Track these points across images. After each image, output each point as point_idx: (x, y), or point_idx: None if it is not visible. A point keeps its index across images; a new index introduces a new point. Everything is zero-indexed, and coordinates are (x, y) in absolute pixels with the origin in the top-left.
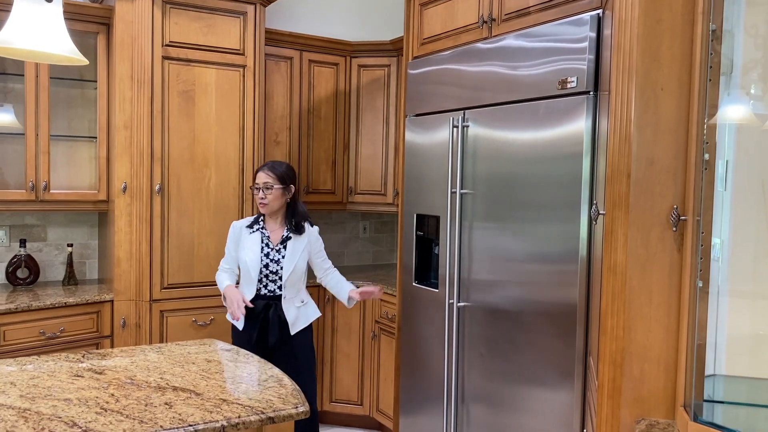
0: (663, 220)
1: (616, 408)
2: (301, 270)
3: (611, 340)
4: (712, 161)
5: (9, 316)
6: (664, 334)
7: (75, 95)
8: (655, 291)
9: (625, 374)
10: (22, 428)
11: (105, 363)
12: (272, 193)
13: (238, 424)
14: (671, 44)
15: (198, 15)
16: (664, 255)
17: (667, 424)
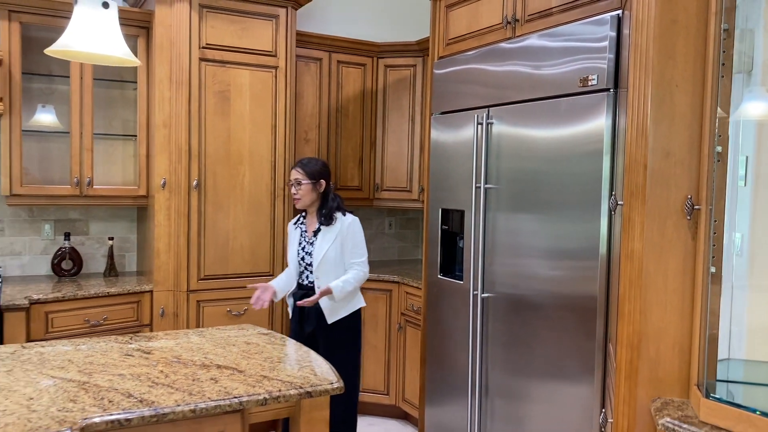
0: (678, 210)
1: (633, 388)
2: (332, 259)
3: (628, 323)
4: (725, 153)
5: (57, 304)
6: (679, 317)
7: (115, 96)
8: (670, 277)
9: (642, 356)
10: (84, 398)
11: (152, 344)
12: (302, 188)
13: (278, 397)
14: (686, 43)
15: (233, 18)
16: (679, 242)
17: (682, 402)
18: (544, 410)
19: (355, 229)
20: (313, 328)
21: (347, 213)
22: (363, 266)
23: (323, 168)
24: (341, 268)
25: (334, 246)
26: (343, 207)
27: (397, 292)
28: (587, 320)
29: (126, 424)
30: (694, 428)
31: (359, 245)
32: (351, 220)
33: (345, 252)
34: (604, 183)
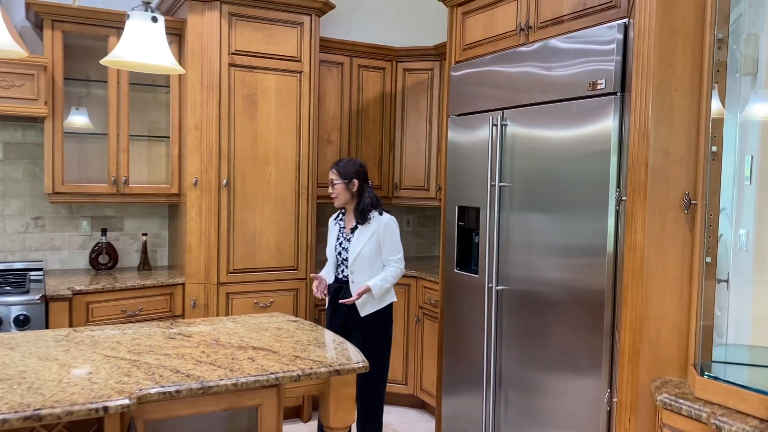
0: (676, 204)
1: (635, 369)
2: (366, 256)
3: (631, 309)
4: (719, 153)
5: (96, 295)
6: (678, 304)
7: (148, 99)
8: (669, 266)
9: (644, 339)
10: (137, 373)
11: (191, 329)
12: (336, 188)
13: (310, 374)
14: (684, 51)
15: (260, 26)
16: (678, 235)
17: (680, 381)
18: (555, 396)
19: (392, 228)
20: (345, 319)
21: (384, 212)
22: (399, 263)
23: (358, 169)
24: (375, 265)
25: (369, 244)
26: (380, 206)
27: (415, 286)
28: (596, 311)
29: (176, 395)
30: (689, 403)
31: (395, 243)
32: (387, 220)
33: (382, 250)
34: (612, 181)
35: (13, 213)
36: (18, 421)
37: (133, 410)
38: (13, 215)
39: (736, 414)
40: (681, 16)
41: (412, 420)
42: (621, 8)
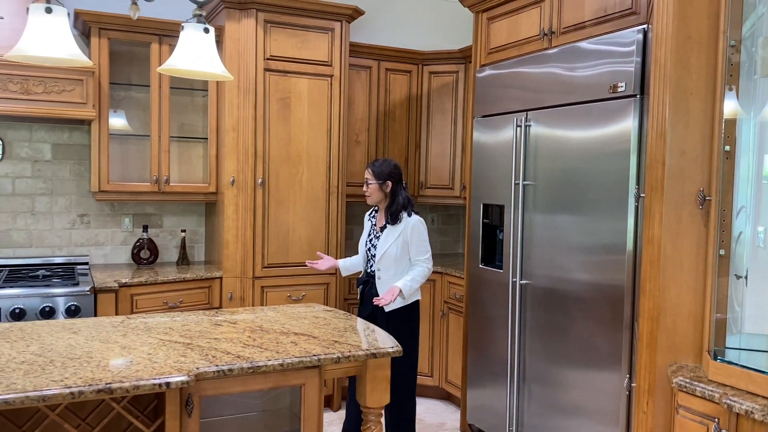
0: (692, 200)
1: (653, 354)
2: (392, 255)
3: (649, 299)
4: (732, 152)
5: (140, 288)
6: (693, 293)
7: (186, 102)
8: (685, 258)
9: (661, 327)
10: (191, 354)
11: (235, 317)
12: (370, 187)
13: (349, 357)
14: (699, 56)
15: (294, 32)
16: (693, 229)
17: (695, 366)
18: (576, 386)
19: (419, 229)
20: (370, 312)
21: (413, 214)
22: (427, 263)
23: (392, 170)
24: (402, 263)
25: (396, 243)
26: (410, 208)
27: (441, 282)
28: (616, 305)
29: (229, 373)
30: (703, 385)
31: (423, 244)
32: (415, 222)
33: (411, 250)
34: (631, 180)
35: (60, 210)
36: (92, 393)
37: (191, 387)
38: (61, 212)
39: (746, 394)
40: (696, 23)
41: (437, 411)
42: (641, 14)
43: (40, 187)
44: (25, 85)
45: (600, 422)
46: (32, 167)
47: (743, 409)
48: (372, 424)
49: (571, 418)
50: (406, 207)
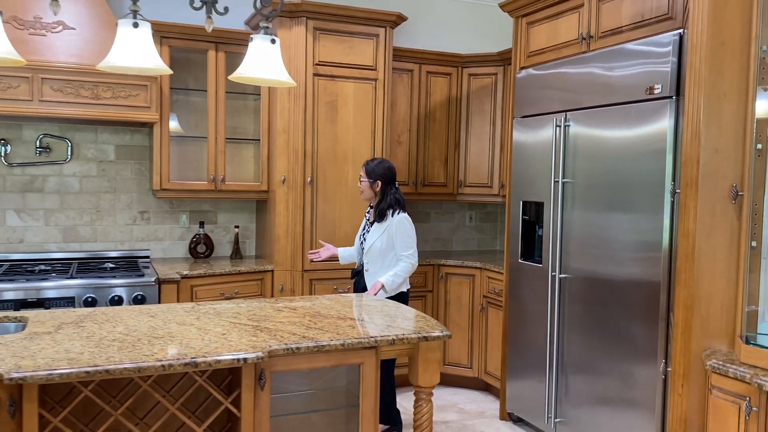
0: (725, 196)
1: (687, 341)
2: (378, 249)
3: (684, 288)
4: (764, 150)
5: (199, 279)
6: (726, 283)
7: (239, 106)
8: (718, 250)
9: (695, 314)
10: (261, 335)
11: (294, 304)
12: (362, 184)
13: (403, 339)
14: (732, 61)
15: (341, 38)
16: (726, 222)
17: (728, 351)
18: (613, 374)
19: (404, 226)
20: None
21: (400, 212)
22: (410, 258)
23: (383, 171)
24: (387, 257)
25: (381, 239)
26: (397, 207)
27: (480, 277)
28: (652, 297)
29: (297, 351)
30: (735, 366)
31: (407, 240)
32: (399, 219)
33: (395, 245)
34: (668, 178)
35: (122, 207)
36: (180, 366)
37: (264, 362)
38: (123, 209)
39: None
40: (729, 30)
41: (477, 400)
42: (676, 20)
43: (104, 186)
44: (95, 91)
45: (636, 408)
46: (97, 167)
47: None
48: (423, 402)
49: (608, 405)
50: (394, 206)
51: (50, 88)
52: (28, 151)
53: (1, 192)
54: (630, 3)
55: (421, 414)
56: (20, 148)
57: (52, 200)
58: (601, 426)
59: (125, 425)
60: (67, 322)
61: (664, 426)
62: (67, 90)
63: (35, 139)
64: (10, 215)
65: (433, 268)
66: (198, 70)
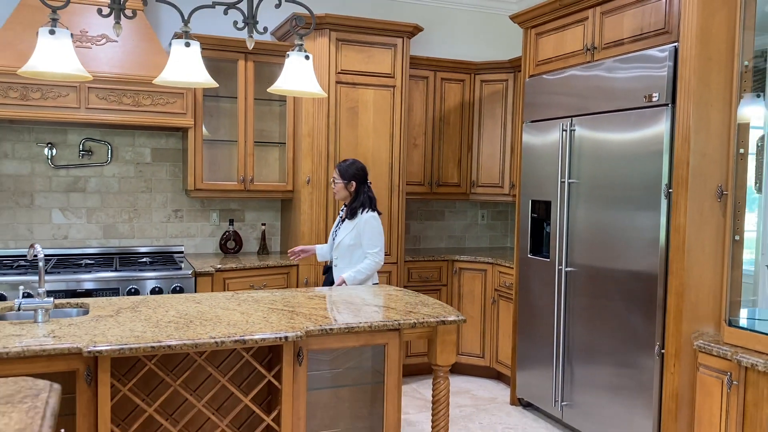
0: (712, 195)
1: (678, 325)
2: (346, 245)
3: (675, 278)
4: (746, 153)
5: (231, 273)
6: (713, 273)
7: (265, 111)
8: (706, 243)
9: (685, 301)
10: (298, 318)
11: (323, 293)
12: (336, 185)
13: (423, 323)
14: (718, 74)
15: (361, 48)
16: (713, 218)
17: (715, 333)
18: (615, 356)
19: (371, 224)
20: None
21: (369, 211)
22: (375, 257)
23: (356, 172)
24: (355, 254)
25: (350, 235)
26: (368, 206)
27: (491, 271)
28: (650, 287)
29: (330, 332)
30: (718, 346)
31: (373, 238)
32: (367, 217)
33: (363, 243)
34: (664, 177)
35: (158, 206)
36: (231, 343)
37: (302, 341)
38: (158, 208)
39: (753, 352)
40: (715, 47)
41: (488, 387)
42: (672, 33)
43: (141, 186)
44: (136, 99)
45: (635, 388)
46: (135, 169)
47: (750, 363)
48: (441, 379)
49: (610, 387)
50: (365, 205)
51: (96, 96)
52: (72, 154)
53: (48, 192)
54: (630, 17)
55: (439, 389)
56: (65, 151)
57: (94, 199)
58: (604, 406)
59: (182, 396)
60: (123, 307)
61: (660, 402)
62: (111, 98)
63: (78, 142)
64: (56, 213)
65: (447, 264)
66: (227, 78)
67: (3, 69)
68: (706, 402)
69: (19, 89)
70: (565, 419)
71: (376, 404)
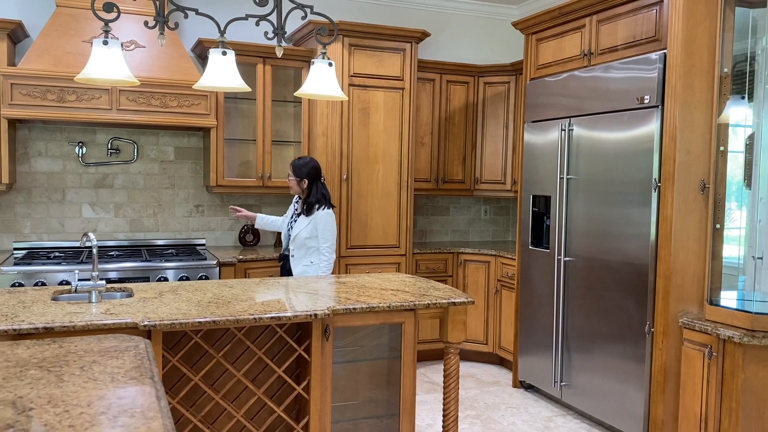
0: (695, 187)
1: (666, 305)
2: (302, 239)
3: (663, 263)
4: (726, 151)
5: (252, 263)
6: (696, 258)
7: (280, 112)
8: (690, 231)
9: (672, 284)
10: (323, 299)
11: (342, 280)
12: (290, 181)
13: (436, 304)
14: (700, 79)
15: (372, 53)
16: (696, 209)
17: (698, 312)
18: (610, 338)
19: (325, 220)
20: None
21: (326, 207)
22: (327, 252)
23: (309, 170)
24: (310, 247)
25: (306, 229)
26: (323, 203)
27: (494, 263)
28: (642, 273)
29: (353, 311)
30: (700, 322)
31: (326, 233)
32: (322, 214)
33: (319, 237)
34: (654, 173)
35: (180, 201)
36: (267, 319)
37: (329, 318)
38: (181, 203)
39: (731, 327)
40: (698, 55)
41: (492, 372)
42: (662, 41)
43: (164, 183)
44: (164, 101)
45: (629, 364)
46: (159, 166)
47: (727, 335)
48: (452, 355)
49: (606, 366)
50: (321, 201)
51: (126, 99)
52: (100, 152)
53: (78, 188)
54: (624, 26)
55: (450, 365)
56: (94, 149)
57: (121, 195)
58: (600, 384)
59: (220, 369)
60: (164, 290)
61: (651, 376)
62: (140, 100)
63: (107, 141)
64: (86, 208)
65: (452, 256)
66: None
67: (41, 73)
68: (689, 372)
69: (56, 92)
70: (564, 398)
71: (392, 378)
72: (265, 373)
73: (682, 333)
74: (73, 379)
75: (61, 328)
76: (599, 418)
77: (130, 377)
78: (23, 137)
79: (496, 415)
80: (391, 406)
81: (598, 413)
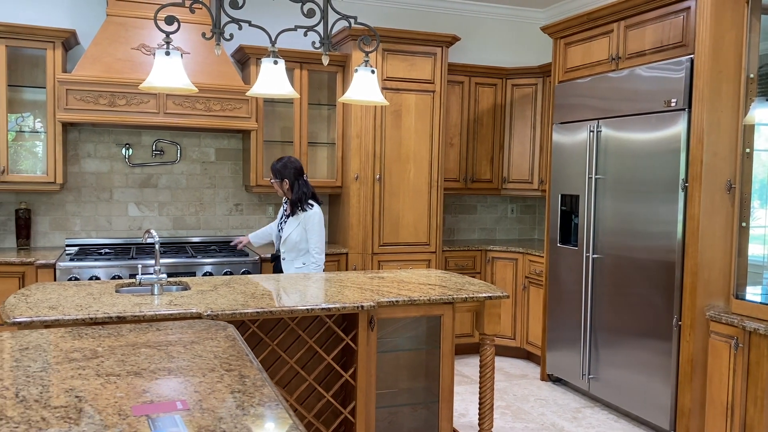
0: (722, 188)
1: (693, 300)
2: (293, 240)
3: (690, 259)
4: (751, 153)
5: None
6: (722, 254)
7: (314, 115)
8: (717, 229)
9: (699, 279)
10: (366, 293)
11: (381, 275)
12: (273, 184)
13: (474, 297)
14: (727, 85)
15: (404, 57)
16: (723, 208)
17: (725, 306)
18: (638, 332)
19: (314, 220)
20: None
21: (313, 206)
22: (317, 253)
23: (288, 171)
24: (301, 247)
25: (296, 231)
26: (309, 202)
27: (522, 260)
28: (669, 270)
29: (396, 303)
30: (727, 315)
31: (314, 235)
32: (311, 213)
33: (308, 239)
34: (681, 173)
35: (221, 200)
36: (318, 310)
37: (374, 310)
38: (221, 202)
39: (756, 320)
40: (725, 61)
41: (519, 366)
42: (689, 46)
43: (206, 183)
44: (208, 105)
45: (656, 359)
46: (200, 167)
47: (753, 328)
48: (488, 346)
49: (634, 358)
50: (302, 199)
51: (173, 103)
52: (146, 153)
53: (125, 188)
54: (652, 31)
55: (486, 355)
56: (140, 151)
57: (165, 194)
58: (627, 377)
59: (273, 357)
60: (218, 284)
61: (678, 367)
62: (186, 104)
63: (152, 143)
64: (132, 207)
65: (480, 253)
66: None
67: (93, 79)
68: (716, 363)
69: (108, 96)
70: (592, 391)
71: (430, 368)
72: (314, 361)
73: (709, 326)
74: (181, 356)
75: (132, 317)
76: (626, 409)
77: (230, 354)
78: (73, 139)
79: (525, 406)
80: (428, 394)
81: (625, 404)
